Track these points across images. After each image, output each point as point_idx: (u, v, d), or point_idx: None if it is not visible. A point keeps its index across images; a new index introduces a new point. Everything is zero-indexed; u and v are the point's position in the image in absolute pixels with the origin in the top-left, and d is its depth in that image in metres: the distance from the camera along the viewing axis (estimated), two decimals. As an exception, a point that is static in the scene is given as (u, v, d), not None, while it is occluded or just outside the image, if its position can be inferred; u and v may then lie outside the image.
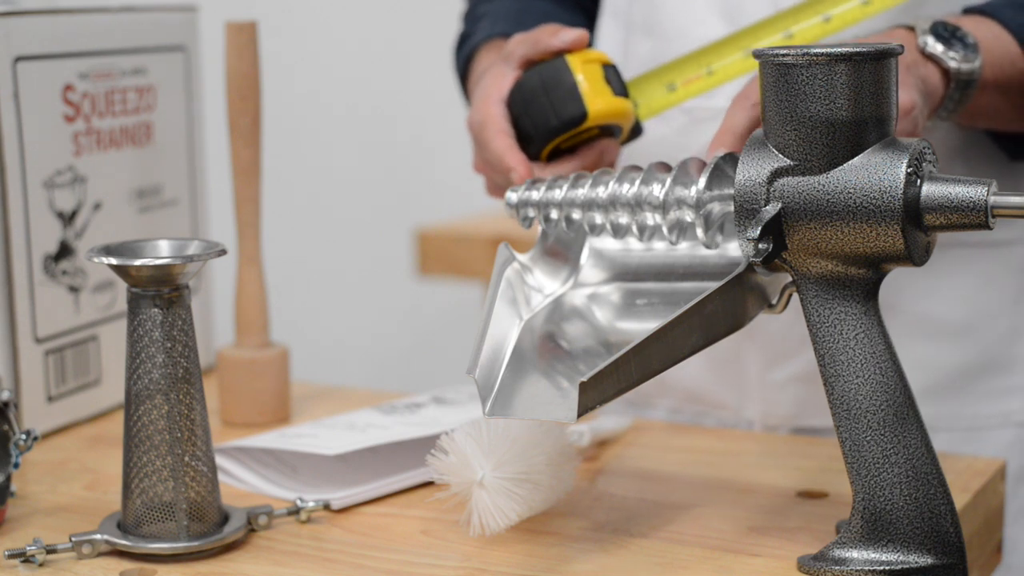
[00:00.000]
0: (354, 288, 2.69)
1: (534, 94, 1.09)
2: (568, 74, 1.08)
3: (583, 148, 1.10)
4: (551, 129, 1.08)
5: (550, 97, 1.08)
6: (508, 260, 0.98)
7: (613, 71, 1.09)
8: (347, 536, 0.97)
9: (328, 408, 1.23)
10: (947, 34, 1.07)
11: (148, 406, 0.93)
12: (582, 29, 1.10)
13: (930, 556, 0.88)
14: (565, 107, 1.08)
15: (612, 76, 1.09)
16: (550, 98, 1.08)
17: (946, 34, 1.07)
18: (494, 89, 1.11)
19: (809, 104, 0.87)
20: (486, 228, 2.14)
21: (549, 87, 1.08)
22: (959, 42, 1.07)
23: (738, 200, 0.89)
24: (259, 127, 1.20)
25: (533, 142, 1.09)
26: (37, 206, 1.16)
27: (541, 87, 1.08)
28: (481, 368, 0.91)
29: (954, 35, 1.07)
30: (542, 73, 1.09)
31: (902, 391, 0.88)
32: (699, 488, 1.04)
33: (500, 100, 1.10)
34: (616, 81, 1.09)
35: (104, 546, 0.94)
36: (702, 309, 0.91)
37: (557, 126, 1.08)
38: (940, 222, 0.87)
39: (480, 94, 1.12)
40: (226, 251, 0.95)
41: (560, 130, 1.08)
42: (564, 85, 1.08)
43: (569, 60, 1.09)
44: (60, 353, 1.19)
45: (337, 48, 2.62)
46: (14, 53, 1.14)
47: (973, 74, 1.07)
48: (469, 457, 0.93)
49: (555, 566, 0.91)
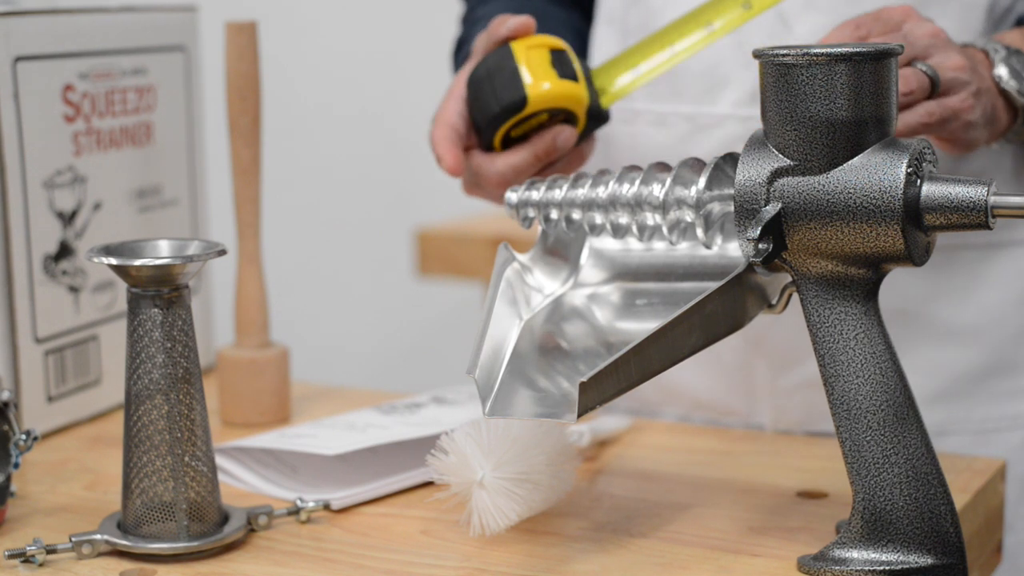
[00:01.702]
0: (354, 288, 2.69)
1: (480, 83, 1.09)
2: (510, 60, 1.08)
3: (534, 136, 1.10)
4: (493, 115, 1.08)
5: (492, 84, 1.08)
6: (508, 260, 0.98)
7: (562, 56, 1.09)
8: (347, 536, 0.97)
9: (328, 408, 1.23)
10: (1021, 67, 1.08)
11: (148, 406, 0.93)
12: (527, 16, 1.10)
13: (930, 556, 0.88)
14: (506, 92, 1.07)
15: (560, 60, 1.08)
16: (492, 85, 1.08)
17: (1020, 67, 1.08)
18: (457, 85, 1.12)
19: (809, 104, 0.87)
20: (486, 228, 2.14)
21: (492, 74, 1.08)
22: None
23: (738, 200, 0.89)
24: (259, 127, 1.20)
25: (483, 131, 1.10)
26: (37, 206, 1.16)
27: (485, 75, 1.09)
28: (481, 368, 0.91)
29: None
30: (487, 62, 1.09)
31: (902, 391, 0.88)
32: (699, 488, 1.04)
33: (459, 96, 1.12)
34: (563, 65, 1.08)
35: (104, 546, 0.94)
36: (702, 309, 0.90)
37: (498, 112, 1.08)
38: (940, 222, 0.87)
39: (446, 92, 1.13)
40: (226, 251, 0.95)
41: (502, 116, 1.08)
42: (505, 71, 1.08)
43: (513, 47, 1.08)
44: (60, 353, 1.19)
45: (337, 48, 2.62)
46: (14, 53, 1.14)
47: None
48: (469, 457, 0.93)
49: (555, 566, 0.91)
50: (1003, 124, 1.09)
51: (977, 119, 1.03)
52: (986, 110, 1.04)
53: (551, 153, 1.09)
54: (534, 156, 1.09)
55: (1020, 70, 1.08)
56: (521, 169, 1.10)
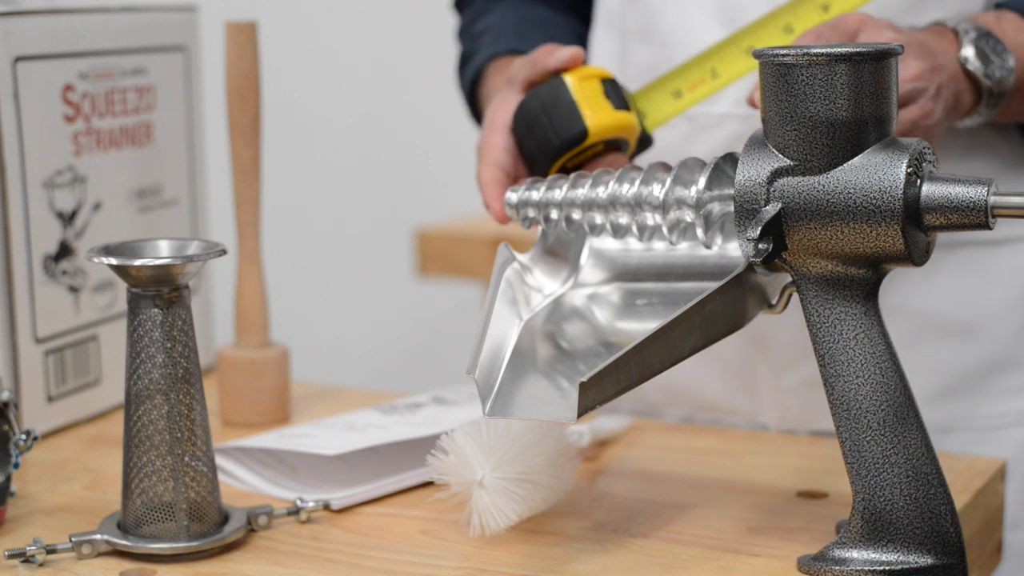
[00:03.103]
0: (354, 288, 2.69)
1: (535, 116, 1.08)
2: (566, 93, 1.08)
3: (589, 164, 1.09)
4: (553, 149, 1.08)
5: (550, 117, 1.08)
6: (508, 260, 0.98)
7: (612, 85, 1.09)
8: (347, 536, 0.97)
9: (328, 408, 1.23)
10: (988, 49, 1.07)
11: (148, 406, 0.93)
12: (577, 47, 1.10)
13: (930, 556, 0.88)
14: (564, 126, 1.07)
15: (611, 90, 1.09)
16: (550, 118, 1.08)
17: (987, 49, 1.07)
18: (498, 115, 1.11)
19: (809, 104, 0.87)
20: (486, 228, 2.14)
21: (548, 108, 1.08)
22: (999, 58, 1.07)
23: (738, 200, 0.89)
24: (259, 127, 1.20)
25: (538, 163, 1.09)
26: (37, 206, 1.16)
27: (540, 108, 1.08)
28: (481, 368, 0.91)
29: (995, 51, 1.07)
30: (540, 94, 1.08)
31: (902, 391, 0.88)
32: (699, 488, 1.04)
33: (503, 128, 1.10)
34: (615, 95, 1.09)
35: (104, 546, 0.94)
36: (702, 309, 0.90)
37: (558, 146, 1.07)
38: (940, 222, 0.87)
39: (486, 122, 1.12)
40: (226, 251, 0.95)
41: (562, 150, 1.08)
42: (562, 104, 1.07)
43: (566, 79, 1.08)
44: (60, 353, 1.19)
45: (337, 48, 2.62)
46: (14, 53, 1.14)
47: (1004, 93, 1.08)
48: (469, 457, 0.93)
49: (555, 566, 0.91)
50: (966, 107, 1.08)
51: (937, 119, 1.03)
52: (947, 103, 1.04)
53: None
54: None
55: (988, 52, 1.07)
56: None
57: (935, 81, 1.03)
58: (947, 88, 1.04)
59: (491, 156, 1.09)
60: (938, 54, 1.05)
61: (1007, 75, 1.08)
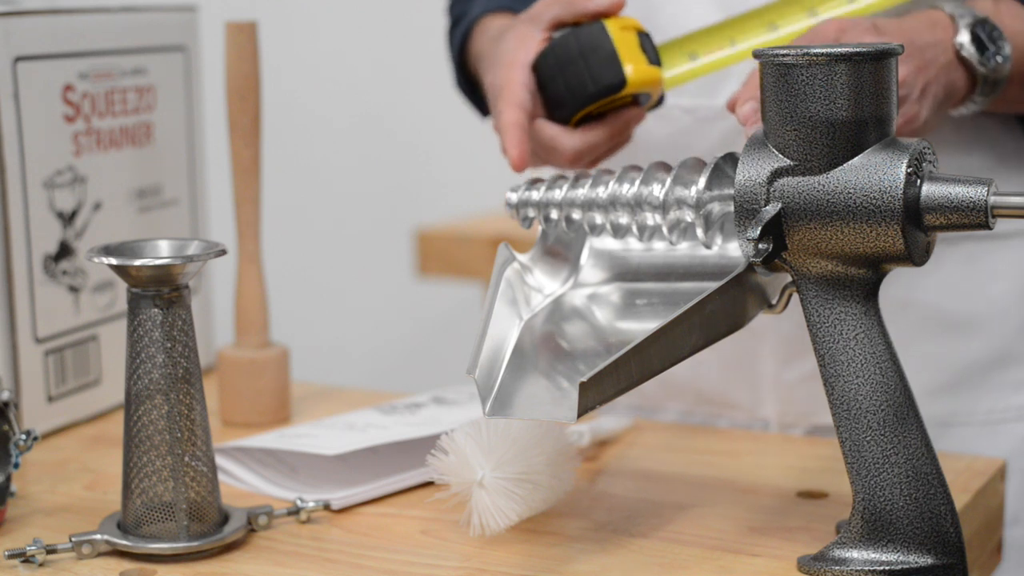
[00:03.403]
0: (354, 288, 2.69)
1: (570, 58, 1.06)
2: (607, 39, 1.06)
3: (611, 115, 1.08)
4: (588, 95, 1.06)
5: (588, 62, 1.05)
6: (508, 260, 0.98)
7: (647, 39, 1.07)
8: (347, 536, 0.97)
9: (328, 408, 1.23)
10: (984, 35, 1.06)
11: (148, 406, 0.93)
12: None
13: (930, 556, 0.88)
14: (603, 74, 1.05)
15: (647, 44, 1.07)
16: (587, 63, 1.05)
17: (983, 36, 1.06)
18: (521, 52, 1.07)
19: (809, 104, 0.87)
20: (486, 228, 2.14)
21: (587, 52, 1.06)
22: (994, 45, 1.06)
23: (738, 200, 0.89)
24: (259, 127, 1.20)
25: (565, 106, 1.07)
26: (37, 206, 1.16)
27: (578, 51, 1.06)
28: (481, 368, 0.91)
29: (991, 37, 1.06)
30: (579, 37, 1.06)
31: (902, 391, 0.88)
32: (699, 488, 1.04)
33: (525, 64, 1.07)
34: (651, 49, 1.07)
35: (104, 546, 0.94)
36: (702, 309, 0.90)
37: (594, 92, 1.06)
38: (940, 222, 0.87)
39: (504, 56, 1.08)
40: (226, 251, 0.95)
41: (597, 96, 1.06)
42: (603, 51, 1.05)
43: (607, 24, 1.06)
44: (60, 353, 1.19)
45: (337, 48, 2.62)
46: (14, 53, 1.14)
47: (1000, 81, 1.07)
48: (469, 457, 0.93)
49: (555, 566, 0.91)
50: (959, 95, 1.07)
51: (924, 119, 1.02)
52: (936, 98, 1.03)
53: (624, 133, 1.08)
54: (609, 135, 1.07)
55: (984, 39, 1.07)
56: (596, 146, 1.08)
57: (919, 82, 1.02)
58: (935, 83, 1.03)
59: (513, 95, 1.06)
60: (925, 49, 1.04)
61: (1003, 63, 1.07)
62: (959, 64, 1.06)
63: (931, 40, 1.05)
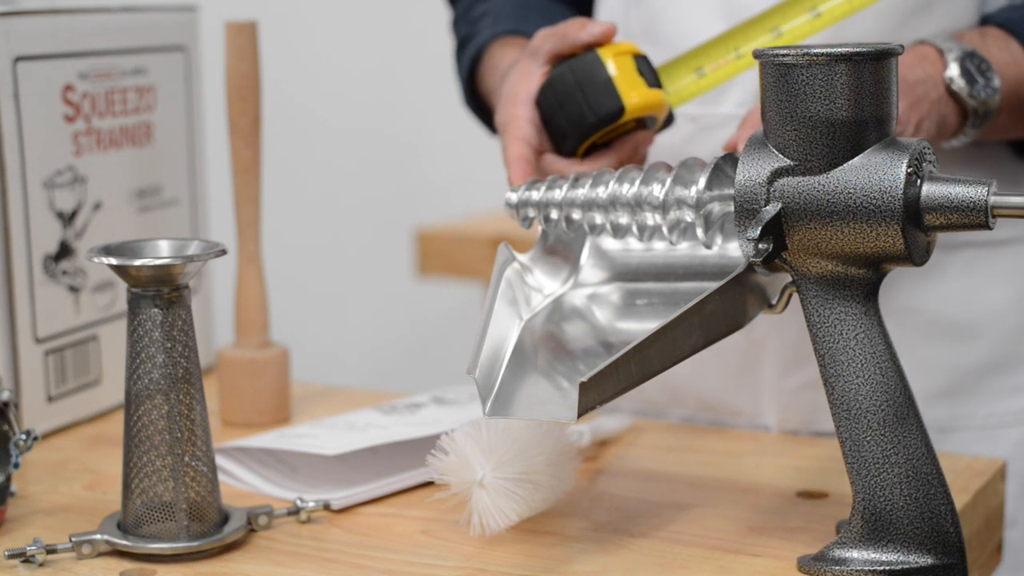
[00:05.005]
0: (354, 288, 2.69)
1: (568, 91, 1.06)
2: (601, 68, 1.06)
3: (618, 142, 1.08)
4: (588, 126, 1.06)
5: (584, 93, 1.06)
6: (508, 260, 0.98)
7: (645, 62, 1.08)
8: (347, 536, 0.97)
9: (328, 408, 1.23)
10: (974, 68, 1.07)
11: (148, 406, 0.93)
12: (609, 22, 1.08)
13: (930, 556, 0.88)
14: (601, 103, 1.06)
15: (644, 67, 1.07)
16: (584, 94, 1.06)
17: (972, 68, 1.07)
18: (522, 88, 1.08)
19: (809, 104, 0.87)
20: (486, 228, 2.14)
21: (583, 83, 1.06)
22: (983, 77, 1.07)
23: (738, 200, 0.89)
24: (259, 127, 1.20)
25: (569, 139, 1.08)
26: (37, 206, 1.16)
27: (575, 83, 1.06)
28: (481, 368, 0.91)
29: (980, 70, 1.07)
30: (574, 68, 1.07)
31: (902, 391, 0.88)
32: (699, 488, 1.04)
33: (527, 100, 1.08)
34: (649, 72, 1.07)
35: (104, 546, 0.94)
36: (702, 309, 0.90)
37: (594, 122, 1.06)
38: (940, 222, 0.87)
39: (507, 93, 1.09)
40: (226, 251, 0.95)
41: (597, 126, 1.06)
42: (598, 80, 1.06)
43: (601, 53, 1.06)
44: (60, 353, 1.19)
45: (337, 48, 2.62)
46: (14, 53, 1.14)
47: (990, 112, 1.08)
48: (469, 457, 0.93)
49: (555, 566, 0.91)
50: (952, 128, 1.08)
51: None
52: (928, 134, 1.05)
53: (633, 158, 1.09)
54: (618, 162, 1.08)
55: (973, 72, 1.07)
56: None
57: (913, 119, 1.03)
58: (928, 119, 1.04)
59: (518, 131, 1.07)
60: (917, 85, 1.05)
61: (992, 95, 1.08)
62: (950, 98, 1.07)
63: (922, 76, 1.06)
